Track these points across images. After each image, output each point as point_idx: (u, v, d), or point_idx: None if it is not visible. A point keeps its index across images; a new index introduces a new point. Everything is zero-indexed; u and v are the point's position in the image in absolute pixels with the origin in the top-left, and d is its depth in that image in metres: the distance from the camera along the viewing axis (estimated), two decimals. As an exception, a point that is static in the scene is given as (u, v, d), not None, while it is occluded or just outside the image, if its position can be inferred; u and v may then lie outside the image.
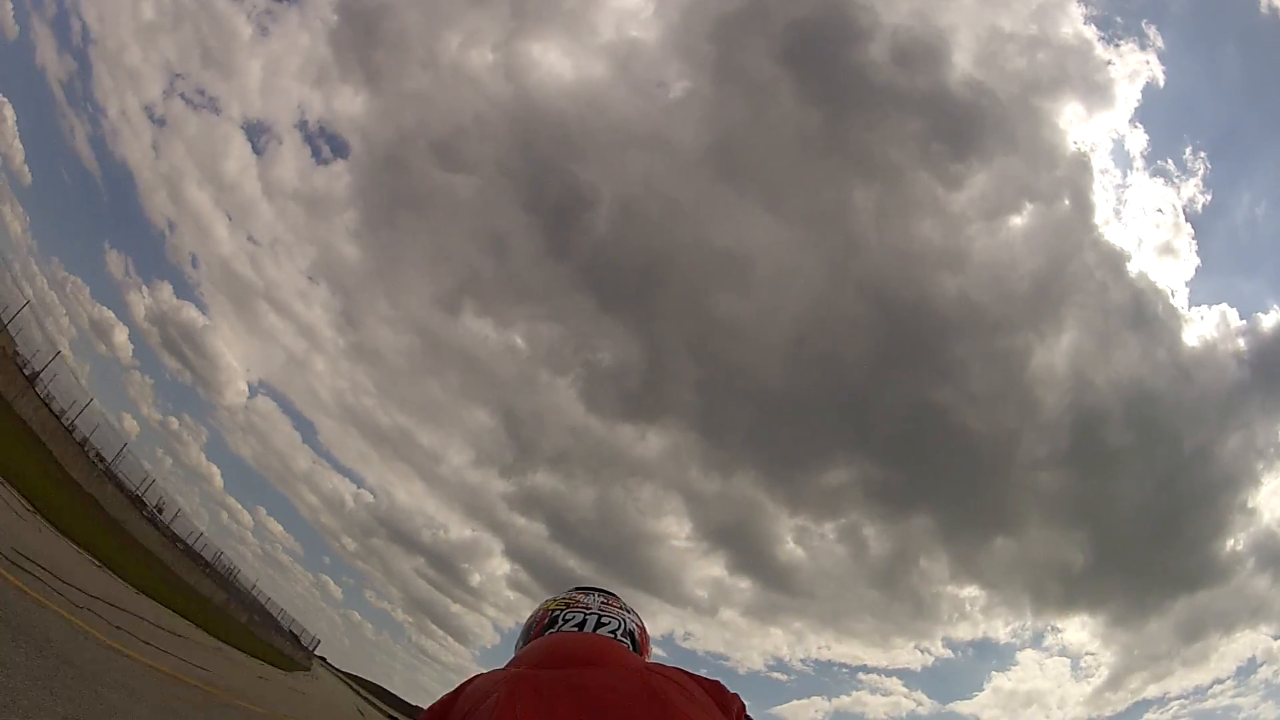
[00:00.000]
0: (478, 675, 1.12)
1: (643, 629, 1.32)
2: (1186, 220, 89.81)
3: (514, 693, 0.99)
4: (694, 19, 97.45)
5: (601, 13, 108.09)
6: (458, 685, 1.11)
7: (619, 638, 1.24)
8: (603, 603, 1.33)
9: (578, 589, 1.39)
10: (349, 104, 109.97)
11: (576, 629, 1.24)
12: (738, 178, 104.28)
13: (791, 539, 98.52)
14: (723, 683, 1.10)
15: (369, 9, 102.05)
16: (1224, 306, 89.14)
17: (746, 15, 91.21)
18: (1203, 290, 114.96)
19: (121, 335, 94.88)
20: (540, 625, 1.28)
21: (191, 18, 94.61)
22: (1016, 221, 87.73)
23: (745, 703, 1.10)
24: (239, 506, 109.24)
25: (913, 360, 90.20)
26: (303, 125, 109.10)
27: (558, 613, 1.28)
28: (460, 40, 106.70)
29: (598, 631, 1.24)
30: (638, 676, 1.04)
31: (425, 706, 1.11)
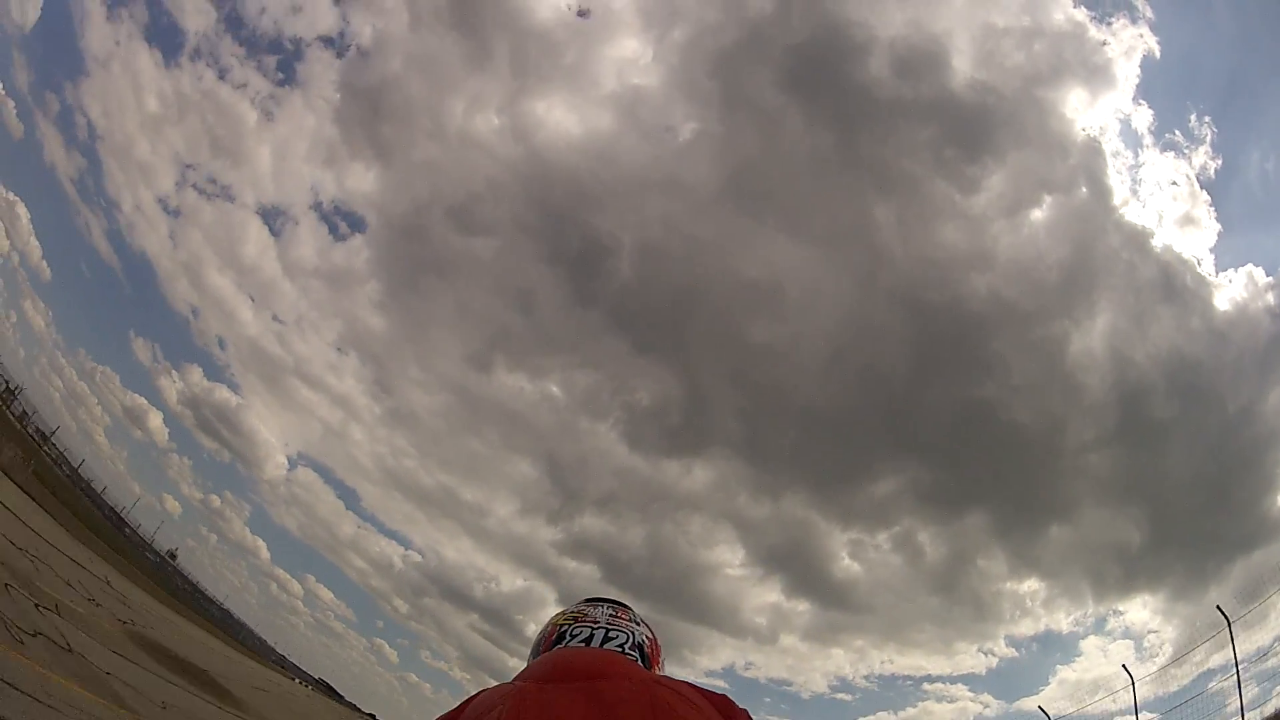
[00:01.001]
0: (482, 690, 1.12)
1: (654, 641, 1.31)
2: (1202, 188, 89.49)
3: (518, 707, 1.00)
4: (693, 58, 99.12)
5: (601, 64, 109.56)
6: (461, 701, 1.11)
7: (627, 651, 1.22)
8: (611, 615, 1.31)
9: (586, 601, 1.37)
10: (361, 180, 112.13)
11: (583, 644, 1.23)
12: (757, 208, 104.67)
13: (846, 554, 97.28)
14: (730, 697, 1.09)
15: (371, 85, 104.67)
16: (1250, 267, 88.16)
17: (744, 47, 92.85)
18: (1227, 254, 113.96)
19: (156, 420, 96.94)
20: (548, 641, 1.27)
21: (195, 108, 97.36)
22: (1037, 215, 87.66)
23: (753, 718, 1.09)
24: (288, 577, 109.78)
25: (951, 361, 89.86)
26: (317, 205, 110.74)
27: (565, 628, 1.27)
28: (464, 106, 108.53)
29: (605, 646, 1.22)
30: (644, 689, 1.04)
31: None
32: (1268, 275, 79.00)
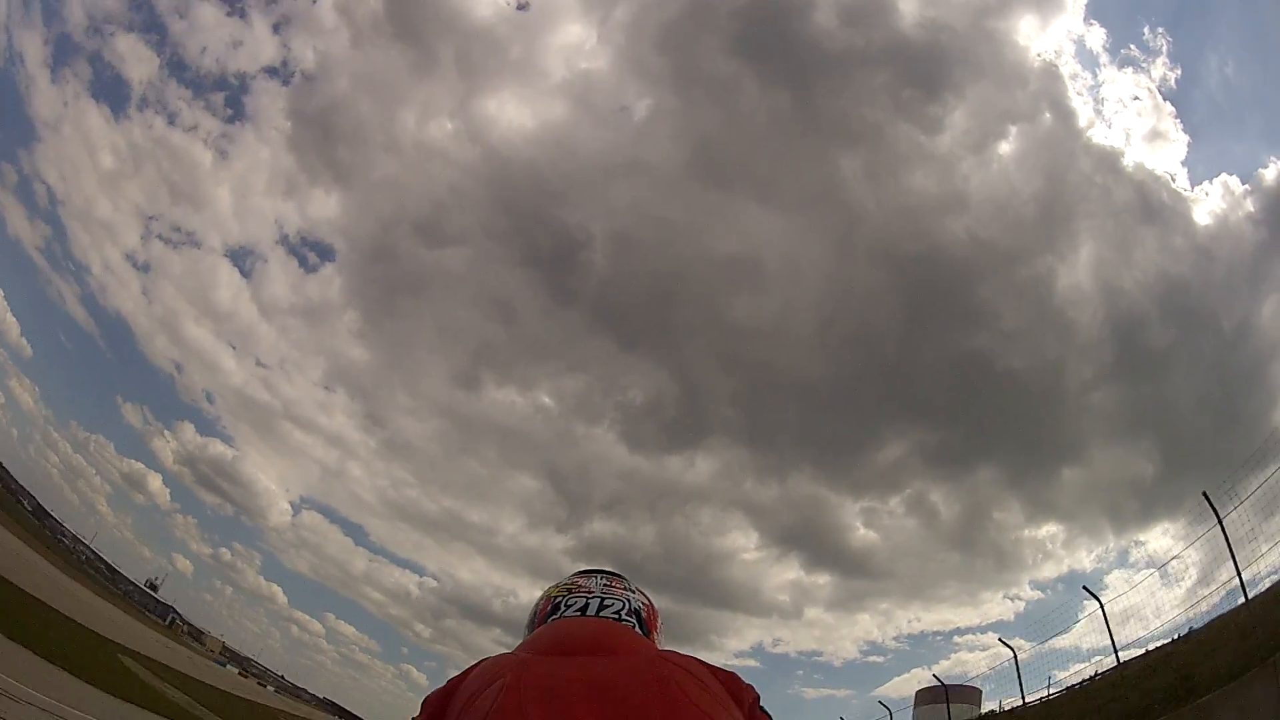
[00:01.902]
0: (484, 659, 1.09)
1: (650, 607, 1.30)
2: (1165, 100, 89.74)
3: (520, 679, 0.98)
4: (639, 35, 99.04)
5: (547, 54, 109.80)
6: (462, 670, 1.08)
7: (624, 618, 1.21)
8: (605, 584, 1.30)
9: (580, 573, 1.36)
10: (323, 206, 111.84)
11: (579, 614, 1.21)
12: (724, 180, 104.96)
13: (861, 523, 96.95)
14: (739, 674, 1.08)
15: (320, 108, 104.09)
16: (1224, 176, 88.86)
17: (689, 17, 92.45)
18: (1200, 165, 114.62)
19: (155, 482, 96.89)
20: (543, 613, 1.25)
21: (150, 157, 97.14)
22: (1005, 148, 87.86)
23: (759, 694, 1.08)
24: (307, 618, 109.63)
25: (940, 314, 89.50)
26: (284, 239, 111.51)
27: (559, 599, 1.26)
28: (416, 116, 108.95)
29: (601, 615, 1.21)
30: (650, 665, 1.02)
31: None
32: (1243, 183, 78.63)
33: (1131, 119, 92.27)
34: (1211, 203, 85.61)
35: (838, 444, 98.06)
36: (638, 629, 1.21)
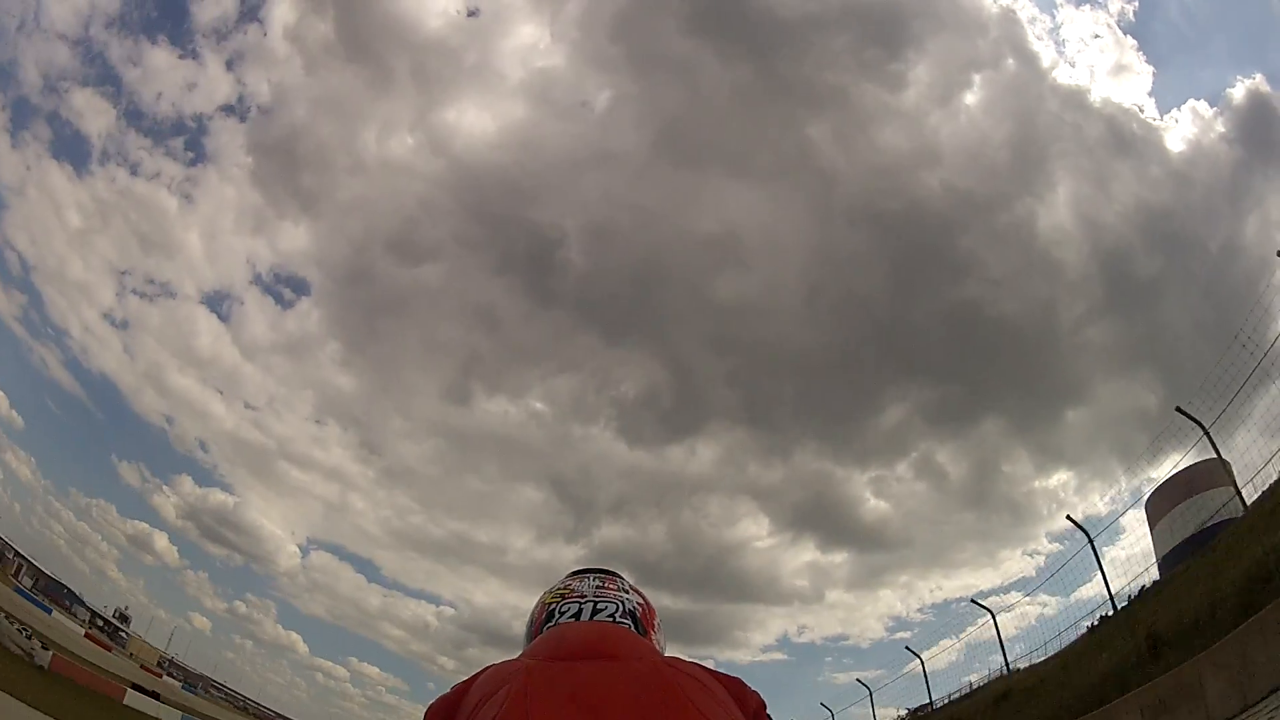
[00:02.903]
0: (489, 666, 1.09)
1: (645, 606, 1.28)
2: (1125, 33, 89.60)
3: (527, 685, 0.98)
4: (592, 27, 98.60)
5: (502, 57, 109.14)
6: (470, 676, 1.08)
7: (619, 620, 1.20)
8: (598, 586, 1.29)
9: (572, 574, 1.35)
10: (294, 238, 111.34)
11: (574, 620, 1.21)
12: (693, 159, 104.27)
13: (870, 494, 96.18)
14: (744, 680, 1.08)
15: (280, 139, 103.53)
16: (1192, 102, 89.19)
17: (640, 2, 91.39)
18: (1166, 94, 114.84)
19: (162, 540, 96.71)
20: (539, 621, 1.25)
21: (117, 211, 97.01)
22: (970, 97, 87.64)
23: (765, 701, 1.08)
24: (330, 664, 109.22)
25: (926, 270, 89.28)
26: (257, 278, 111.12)
27: (553, 606, 1.25)
28: (377, 134, 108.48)
29: (595, 618, 1.20)
30: (654, 671, 1.03)
31: None
32: (1211, 106, 78.90)
33: (1094, 56, 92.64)
34: (1183, 129, 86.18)
35: (838, 414, 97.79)
36: (634, 630, 1.20)
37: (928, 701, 22.65)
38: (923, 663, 23.20)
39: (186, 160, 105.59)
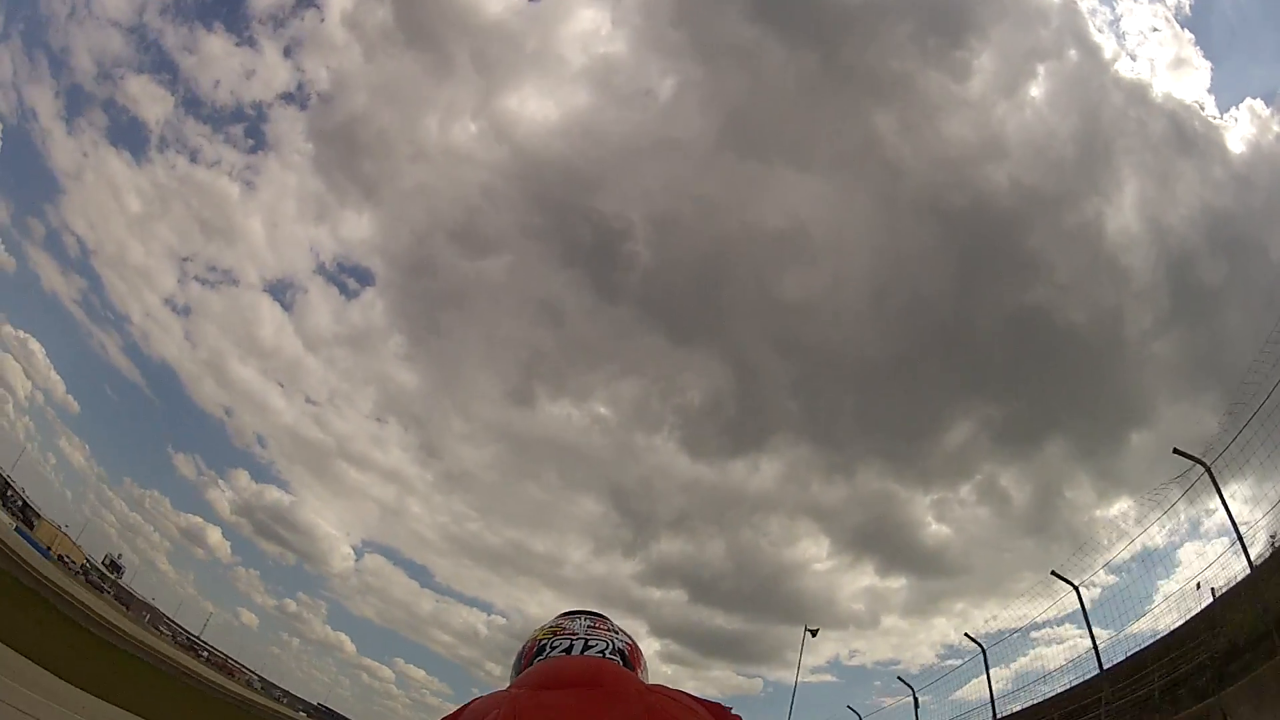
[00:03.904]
0: (476, 699, 1.12)
1: (633, 646, 1.32)
2: (1183, 28, 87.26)
3: (515, 712, 1.00)
4: (654, 12, 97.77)
5: (564, 43, 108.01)
6: (457, 709, 1.10)
7: (608, 656, 1.24)
8: (589, 625, 1.33)
9: (563, 615, 1.39)
10: (356, 227, 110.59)
11: (564, 655, 1.24)
12: (759, 149, 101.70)
13: (932, 518, 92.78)
14: (725, 707, 1.11)
15: (340, 126, 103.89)
16: (1249, 101, 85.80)
17: None
18: (1224, 91, 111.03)
19: (215, 535, 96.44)
20: (529, 655, 1.28)
21: (177, 197, 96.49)
22: (1035, 89, 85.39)
23: None
24: (376, 664, 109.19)
25: (993, 271, 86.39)
26: (321, 267, 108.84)
27: (544, 641, 1.29)
28: (439, 121, 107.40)
29: (586, 654, 1.24)
30: (639, 698, 1.06)
31: None
32: (1268, 106, 75.97)
33: (1154, 49, 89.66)
34: (1242, 129, 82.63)
35: (903, 429, 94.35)
36: (621, 665, 1.24)
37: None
38: (915, 693, 23.45)
39: (246, 148, 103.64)
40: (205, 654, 64.30)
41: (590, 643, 1.27)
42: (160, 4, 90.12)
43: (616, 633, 1.33)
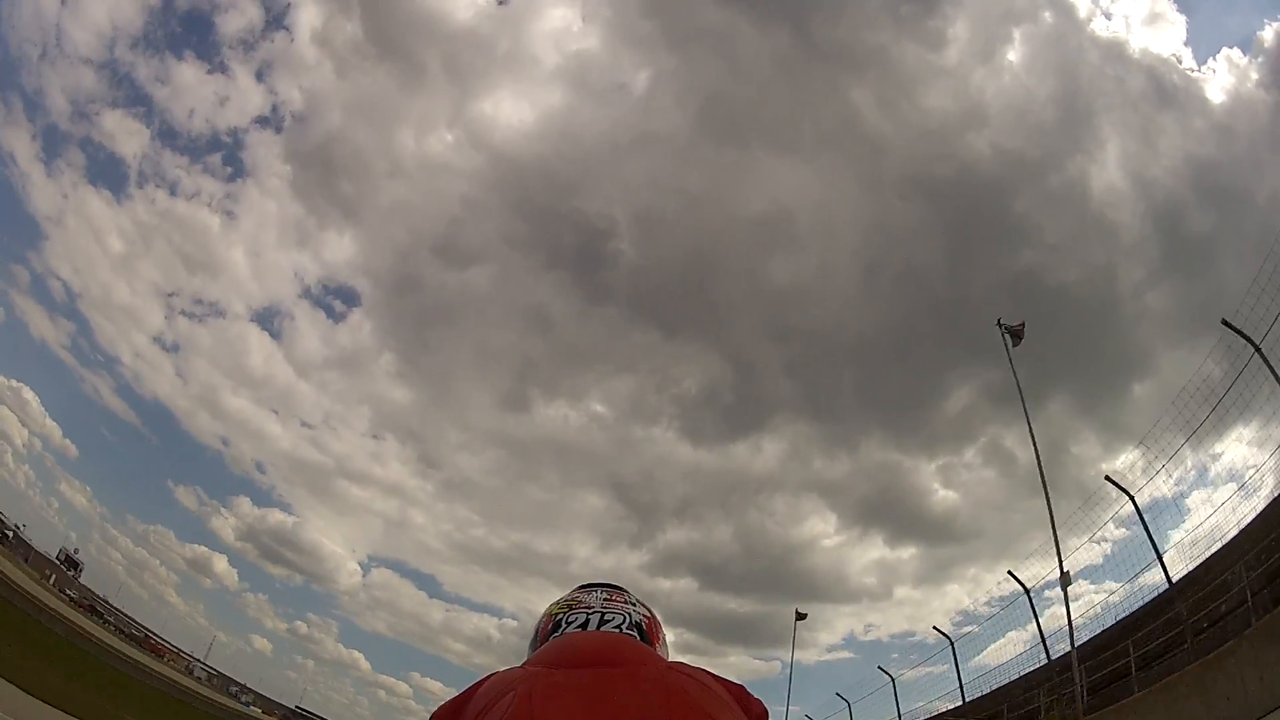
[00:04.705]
0: (492, 673, 1.11)
1: (651, 619, 1.30)
2: None
3: (531, 691, 0.99)
4: (623, 4, 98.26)
5: (535, 42, 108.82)
6: (472, 684, 1.09)
7: (625, 631, 1.23)
8: (605, 599, 1.31)
9: (580, 588, 1.37)
10: (338, 249, 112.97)
11: (580, 630, 1.23)
12: (737, 135, 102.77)
13: (939, 484, 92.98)
14: (746, 688, 1.10)
15: (317, 146, 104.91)
16: (1226, 50, 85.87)
17: None
18: (1201, 43, 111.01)
19: (221, 563, 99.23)
20: (545, 631, 1.27)
21: (159, 232, 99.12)
22: (1012, 54, 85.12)
23: (767, 709, 1.11)
24: (393, 680, 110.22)
25: (982, 238, 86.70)
26: (306, 292, 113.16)
27: (560, 616, 1.28)
28: (414, 133, 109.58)
29: (603, 629, 1.23)
30: (660, 676, 1.05)
31: None
32: (1244, 53, 75.76)
33: (1129, 6, 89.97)
34: (1221, 79, 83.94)
35: (902, 399, 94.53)
36: (639, 639, 1.22)
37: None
38: (894, 681, 23.53)
39: (225, 176, 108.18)
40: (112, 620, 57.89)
41: (607, 616, 1.25)
42: (130, 38, 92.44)
43: (634, 605, 1.31)
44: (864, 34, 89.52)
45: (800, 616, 31.32)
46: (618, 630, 1.22)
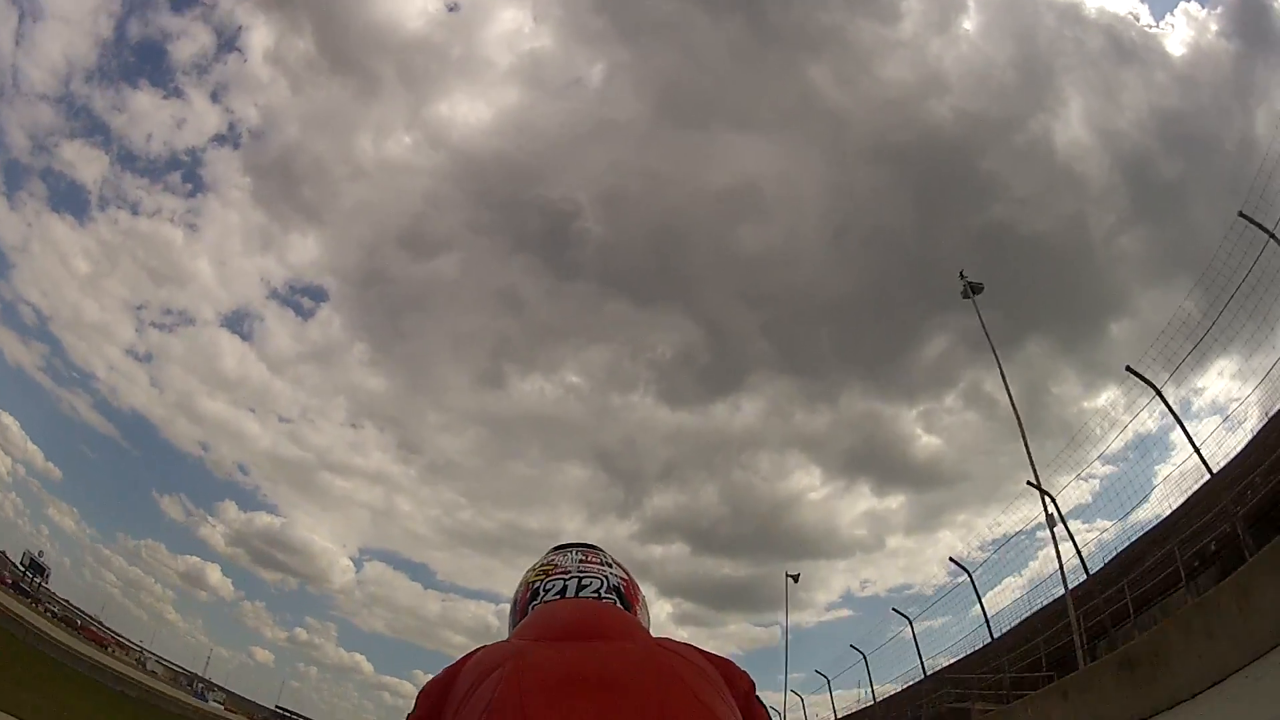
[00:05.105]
0: (480, 648, 1.09)
1: (628, 581, 1.29)
2: None
3: (519, 668, 0.98)
4: (574, 2, 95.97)
5: (488, 45, 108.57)
6: (459, 658, 1.09)
7: (603, 596, 1.22)
8: (580, 560, 1.31)
9: (555, 549, 1.37)
10: (304, 250, 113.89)
11: (559, 597, 1.23)
12: (699, 120, 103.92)
13: (922, 430, 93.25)
14: (733, 661, 1.10)
15: (274, 158, 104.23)
16: (1184, 4, 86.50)
17: None
18: (1157, 1, 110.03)
19: (215, 573, 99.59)
20: (524, 601, 1.26)
21: (123, 250, 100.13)
22: (968, 22, 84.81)
23: (754, 681, 1.10)
24: (397, 680, 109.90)
25: (950, 197, 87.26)
26: (274, 293, 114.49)
27: (537, 584, 1.27)
28: (372, 138, 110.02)
29: (581, 594, 1.22)
30: (647, 652, 1.04)
31: None
32: (1202, 6, 76.27)
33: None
34: (1180, 33, 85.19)
35: (880, 351, 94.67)
36: (619, 605, 1.22)
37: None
38: (911, 624, 23.43)
39: (185, 193, 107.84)
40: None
41: (584, 581, 1.24)
42: (85, 71, 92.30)
43: (610, 566, 1.31)
44: (818, 15, 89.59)
45: (794, 578, 31.71)
46: (597, 595, 1.22)
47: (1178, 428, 15.16)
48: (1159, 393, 15.18)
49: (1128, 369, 15.65)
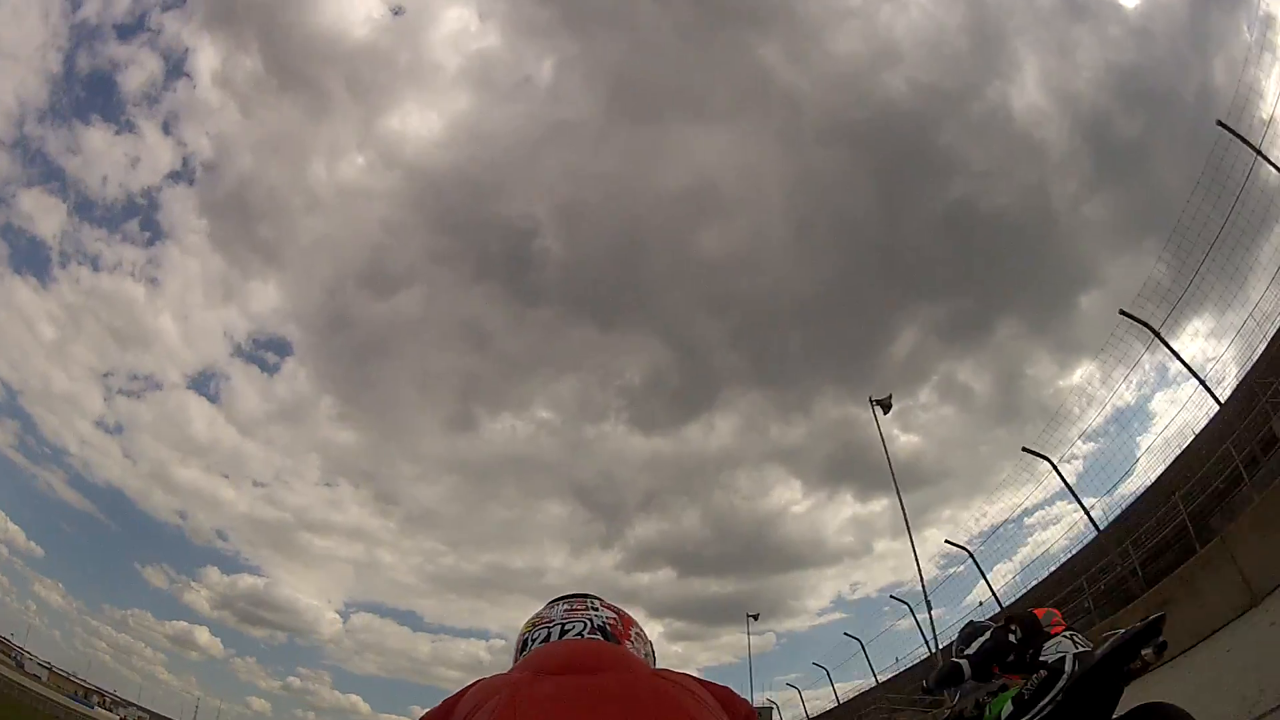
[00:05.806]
0: (479, 680, 1.13)
1: (617, 619, 1.32)
2: None
3: (516, 697, 1.00)
4: None
5: (435, 49, 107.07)
6: (458, 690, 1.12)
7: (587, 636, 1.26)
8: (566, 610, 1.34)
9: (549, 603, 1.39)
10: (265, 297, 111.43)
11: (544, 644, 1.26)
12: (652, 111, 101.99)
13: (898, 430, 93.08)
14: (732, 689, 1.13)
15: (228, 192, 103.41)
16: None
17: None
18: None
19: (203, 635, 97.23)
20: (516, 653, 1.31)
21: (87, 311, 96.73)
22: None
23: (753, 708, 1.15)
24: (396, 717, 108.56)
25: (911, 176, 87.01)
26: (238, 350, 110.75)
27: (527, 636, 1.31)
28: (325, 160, 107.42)
29: (564, 638, 1.25)
30: (646, 682, 1.07)
31: None
32: None
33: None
34: None
35: (850, 352, 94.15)
36: (607, 642, 1.25)
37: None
38: (912, 610, 23.26)
39: (144, 241, 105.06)
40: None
41: (566, 626, 1.27)
42: (37, 111, 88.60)
43: (597, 610, 1.32)
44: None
45: (753, 617, 35.95)
46: (580, 637, 1.24)
47: (1155, 394, 15.28)
48: (1157, 334, 15.05)
49: (1121, 312, 15.50)
